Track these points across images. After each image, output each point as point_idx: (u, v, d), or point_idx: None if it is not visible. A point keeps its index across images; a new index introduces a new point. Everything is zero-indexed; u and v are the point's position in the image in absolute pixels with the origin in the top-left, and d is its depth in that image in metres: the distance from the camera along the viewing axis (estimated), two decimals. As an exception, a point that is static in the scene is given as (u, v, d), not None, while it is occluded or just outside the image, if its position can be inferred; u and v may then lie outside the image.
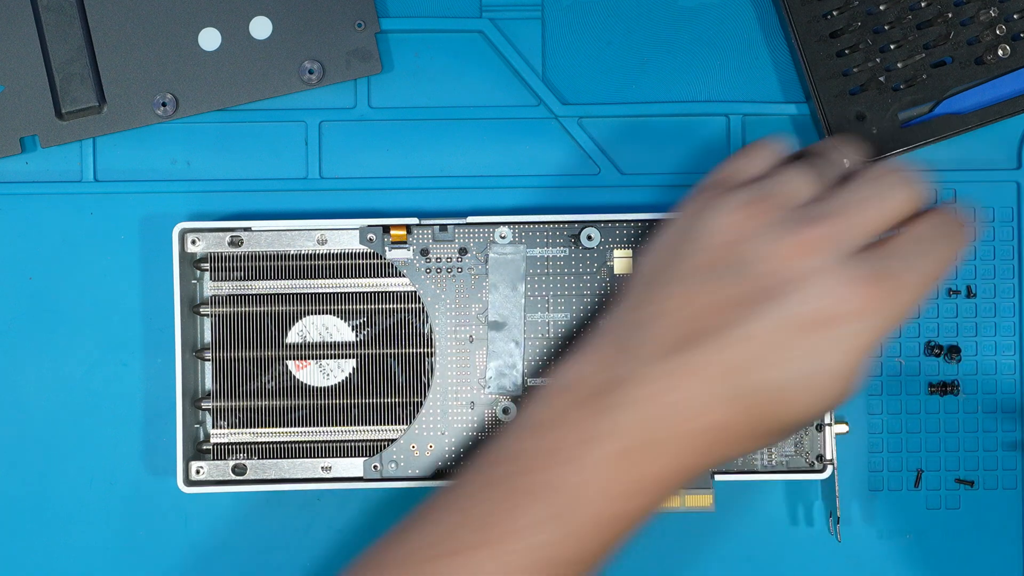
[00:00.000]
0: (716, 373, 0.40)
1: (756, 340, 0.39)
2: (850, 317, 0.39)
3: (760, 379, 0.40)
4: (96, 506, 0.52)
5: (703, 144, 0.53)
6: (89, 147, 0.52)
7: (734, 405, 0.40)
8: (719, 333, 0.40)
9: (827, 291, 0.39)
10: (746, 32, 0.53)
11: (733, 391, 0.40)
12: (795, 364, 0.39)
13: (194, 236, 0.50)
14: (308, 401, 0.50)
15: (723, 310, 0.40)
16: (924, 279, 0.40)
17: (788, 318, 0.39)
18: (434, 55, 0.53)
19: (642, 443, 0.40)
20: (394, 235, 0.50)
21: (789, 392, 0.40)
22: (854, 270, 0.39)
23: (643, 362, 0.41)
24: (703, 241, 0.42)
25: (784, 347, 0.39)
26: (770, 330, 0.39)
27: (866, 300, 0.39)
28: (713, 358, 0.40)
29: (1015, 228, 0.53)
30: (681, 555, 0.53)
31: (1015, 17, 0.50)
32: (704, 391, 0.40)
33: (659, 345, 0.41)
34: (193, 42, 0.52)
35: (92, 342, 0.52)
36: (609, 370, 0.41)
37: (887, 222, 0.41)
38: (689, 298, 0.41)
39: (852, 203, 0.41)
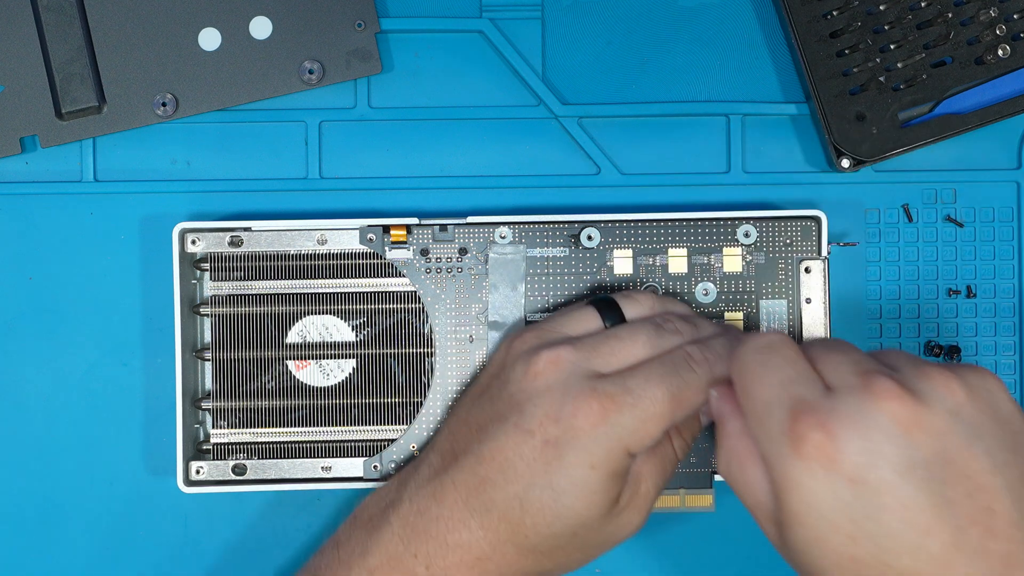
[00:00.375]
0: (469, 487, 0.43)
1: (500, 454, 0.42)
2: (573, 431, 0.41)
3: (504, 492, 0.42)
4: (96, 506, 0.52)
5: (703, 144, 0.53)
6: (89, 147, 0.52)
7: (487, 518, 0.42)
8: (474, 448, 0.43)
9: (554, 404, 0.42)
10: (746, 32, 0.53)
11: (484, 504, 0.42)
12: (533, 477, 0.42)
13: (194, 236, 0.50)
14: (308, 401, 0.50)
15: (482, 428, 0.43)
16: (651, 404, 0.42)
17: (525, 431, 0.42)
18: (434, 55, 0.53)
19: (403, 556, 0.43)
20: (394, 235, 0.50)
21: (531, 504, 0.42)
22: (582, 386, 0.42)
23: (413, 487, 0.44)
24: (485, 372, 0.47)
25: (522, 460, 0.42)
26: (512, 443, 0.42)
27: (587, 415, 0.41)
28: (467, 474, 0.43)
29: (1015, 228, 0.53)
30: (681, 555, 0.53)
31: (1015, 17, 0.50)
32: (462, 504, 0.43)
33: (431, 470, 0.44)
34: (193, 42, 0.52)
35: (92, 342, 0.52)
36: (384, 499, 0.45)
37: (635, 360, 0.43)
38: (460, 424, 0.45)
39: (605, 337, 0.44)
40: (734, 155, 0.53)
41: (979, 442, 0.36)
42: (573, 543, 0.43)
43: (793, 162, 0.53)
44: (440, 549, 0.43)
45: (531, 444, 0.42)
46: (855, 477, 0.36)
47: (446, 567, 0.43)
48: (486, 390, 0.45)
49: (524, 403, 0.43)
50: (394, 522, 0.44)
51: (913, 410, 0.36)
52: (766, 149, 0.53)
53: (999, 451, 0.36)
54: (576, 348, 0.43)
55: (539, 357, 0.43)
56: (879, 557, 0.35)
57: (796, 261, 0.50)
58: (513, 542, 0.43)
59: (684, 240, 0.51)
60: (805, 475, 0.36)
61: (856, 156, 0.50)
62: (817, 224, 0.50)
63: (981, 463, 0.35)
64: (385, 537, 0.44)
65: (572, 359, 0.43)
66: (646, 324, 0.45)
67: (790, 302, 0.50)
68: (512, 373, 0.44)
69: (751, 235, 0.50)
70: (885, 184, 0.53)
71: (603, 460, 0.42)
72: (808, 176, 0.53)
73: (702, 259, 0.51)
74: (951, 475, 0.35)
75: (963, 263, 0.53)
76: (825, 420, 0.36)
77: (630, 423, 0.42)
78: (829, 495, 0.36)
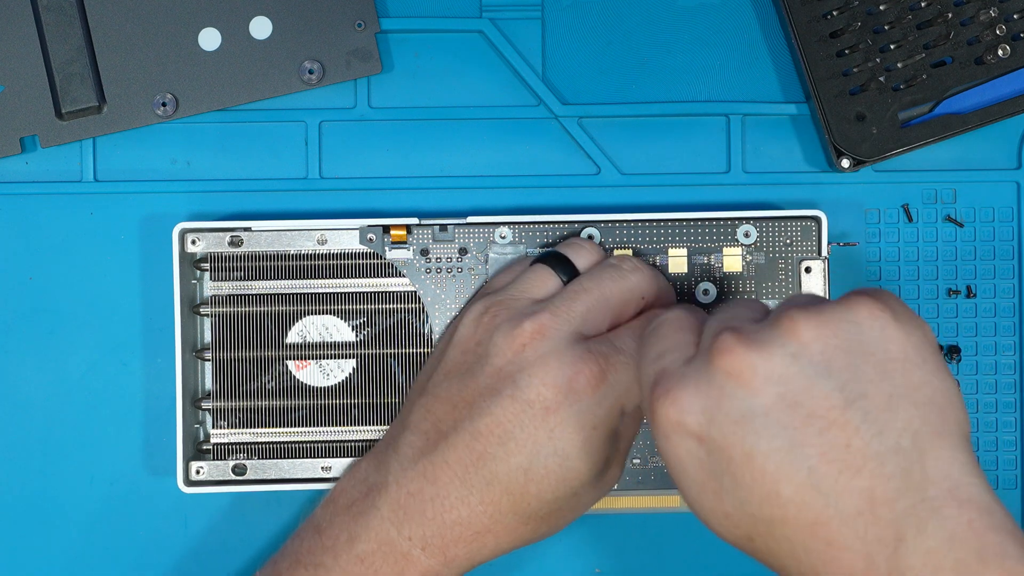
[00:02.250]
0: (465, 464, 0.43)
1: (499, 427, 0.42)
2: (576, 395, 0.42)
3: (507, 464, 0.42)
4: (96, 506, 0.52)
5: (703, 144, 0.53)
6: (89, 147, 0.52)
7: (489, 492, 0.43)
8: (466, 425, 0.43)
9: (552, 372, 0.42)
10: (746, 32, 0.53)
11: (485, 478, 0.43)
12: (537, 446, 0.42)
13: (194, 236, 0.50)
14: (308, 401, 0.50)
15: (470, 404, 0.43)
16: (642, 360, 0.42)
17: (524, 401, 0.42)
18: (434, 55, 0.53)
19: (395, 541, 0.43)
20: (394, 235, 0.50)
21: (536, 472, 0.42)
22: (577, 350, 0.42)
23: (397, 469, 0.44)
24: (454, 349, 0.45)
25: (524, 430, 0.42)
26: (510, 415, 0.42)
27: (588, 377, 0.42)
28: (462, 451, 0.43)
29: (1015, 228, 0.53)
30: (681, 555, 0.53)
31: (1015, 17, 0.50)
32: (458, 482, 0.43)
33: (413, 450, 0.44)
34: (193, 42, 0.52)
35: (92, 342, 0.52)
36: (364, 483, 0.45)
37: (610, 310, 0.44)
38: (439, 402, 0.44)
39: (574, 292, 0.44)
40: (734, 155, 0.53)
41: (827, 379, 0.35)
42: (570, 504, 0.44)
43: (793, 162, 0.53)
44: (438, 529, 0.43)
45: (531, 413, 0.42)
46: (700, 435, 0.36)
47: (443, 546, 0.43)
48: (462, 366, 0.45)
49: (516, 374, 0.43)
50: (382, 506, 0.43)
51: (747, 360, 0.35)
52: (766, 149, 0.53)
53: (854, 383, 0.35)
54: (555, 313, 0.44)
55: (522, 328, 0.43)
56: (743, 509, 0.36)
57: (796, 261, 0.50)
58: (514, 512, 0.43)
59: (684, 240, 0.51)
60: (666, 443, 0.37)
61: (856, 156, 0.50)
62: (817, 224, 0.50)
63: (831, 400, 0.34)
64: (374, 522, 0.43)
65: (555, 325, 0.43)
66: (605, 269, 0.45)
67: (790, 302, 0.50)
68: (493, 347, 0.44)
69: (751, 235, 0.50)
70: (885, 184, 0.53)
71: (604, 420, 0.43)
72: (808, 176, 0.53)
73: (702, 259, 0.51)
74: (796, 417, 0.35)
75: (963, 263, 0.53)
76: (671, 387, 0.37)
77: (626, 380, 0.43)
78: (688, 458, 0.36)
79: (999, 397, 0.53)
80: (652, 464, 0.50)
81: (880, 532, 0.33)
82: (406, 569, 0.43)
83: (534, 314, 0.44)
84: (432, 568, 0.43)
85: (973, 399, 0.52)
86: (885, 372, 0.35)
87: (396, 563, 0.43)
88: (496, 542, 0.44)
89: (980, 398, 0.53)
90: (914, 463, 0.34)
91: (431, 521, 0.43)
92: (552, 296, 0.45)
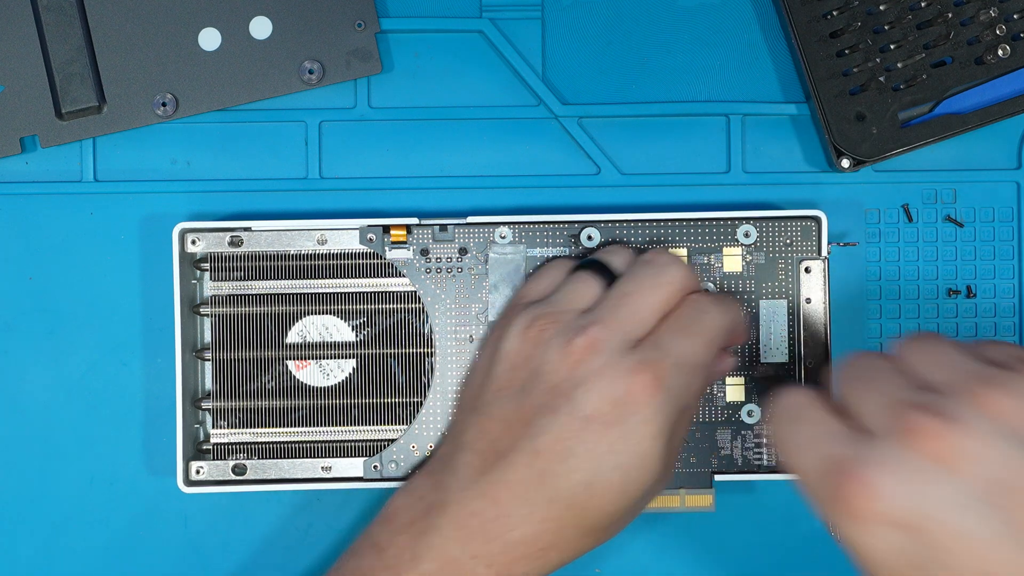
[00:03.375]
0: (529, 482, 0.42)
1: (559, 444, 0.42)
2: (634, 406, 0.42)
3: (569, 481, 0.42)
4: (96, 506, 0.52)
5: (703, 144, 0.53)
6: (89, 147, 0.52)
7: (552, 509, 0.42)
8: (525, 444, 0.43)
9: (608, 386, 0.42)
10: (746, 32, 0.53)
11: (548, 496, 0.42)
12: (598, 460, 0.42)
13: (194, 236, 0.50)
14: (308, 401, 0.50)
15: (527, 423, 0.43)
16: (693, 356, 0.43)
17: (582, 418, 0.42)
18: (434, 55, 0.53)
19: (460, 560, 0.43)
20: (394, 235, 0.50)
21: (599, 487, 0.42)
22: (629, 362, 0.42)
23: (456, 488, 0.44)
24: (502, 364, 0.45)
25: (585, 446, 0.42)
26: (569, 432, 0.42)
27: (644, 387, 0.42)
28: (523, 470, 0.43)
29: (1015, 228, 0.53)
30: (681, 555, 0.53)
31: (1015, 17, 0.50)
32: (520, 501, 0.42)
33: (471, 469, 0.44)
34: (193, 42, 0.52)
35: (92, 342, 0.52)
36: (423, 501, 0.44)
37: (655, 308, 0.44)
38: (493, 421, 0.44)
39: (618, 299, 0.44)
40: (734, 155, 0.53)
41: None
42: (631, 511, 0.44)
43: (793, 162, 0.53)
44: (502, 548, 0.43)
45: (591, 429, 0.42)
46: (908, 525, 0.34)
47: (508, 563, 0.43)
48: (513, 382, 0.44)
49: (572, 391, 0.42)
50: (444, 526, 0.43)
51: (955, 444, 0.34)
52: (766, 149, 0.53)
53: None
54: (605, 325, 0.43)
55: (575, 344, 0.43)
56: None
57: (796, 261, 0.50)
58: (577, 526, 0.43)
59: (684, 240, 0.51)
60: (860, 533, 0.35)
61: (856, 156, 0.50)
62: (817, 224, 0.50)
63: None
64: (436, 541, 0.43)
65: (607, 337, 0.43)
66: (642, 268, 0.45)
67: (790, 302, 0.50)
68: (547, 363, 0.43)
69: (751, 235, 0.50)
70: (885, 184, 0.53)
71: (664, 427, 0.42)
72: (808, 176, 0.53)
73: (702, 259, 0.51)
74: (1009, 498, 0.34)
75: (963, 263, 0.53)
76: (863, 474, 0.35)
77: (681, 383, 0.43)
78: (887, 547, 0.35)
79: (999, 397, 0.52)
80: (652, 464, 0.50)
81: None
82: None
83: (584, 328, 0.43)
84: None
85: (973, 399, 0.52)
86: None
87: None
88: (560, 557, 0.44)
89: (980, 398, 0.52)
90: None
91: (495, 540, 0.43)
92: (596, 305, 0.45)
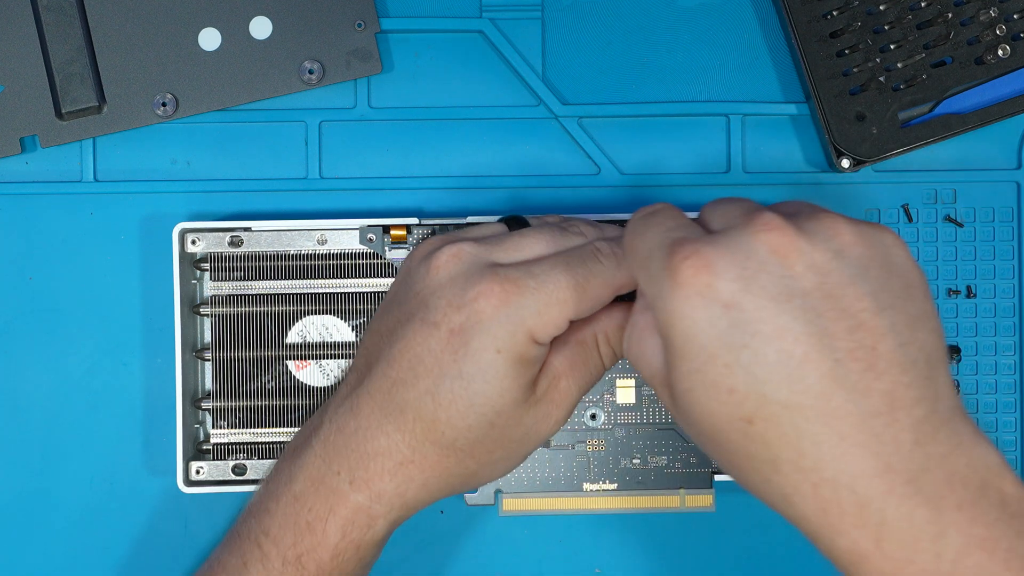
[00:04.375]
0: (383, 392, 0.42)
1: (409, 351, 0.42)
2: (477, 315, 0.41)
3: (416, 390, 0.42)
4: (96, 506, 0.52)
5: (703, 144, 0.53)
6: (89, 147, 0.52)
7: (402, 419, 0.42)
8: (384, 352, 0.43)
9: (457, 293, 0.42)
10: (746, 32, 0.53)
11: (398, 405, 0.42)
12: (442, 369, 0.41)
13: (194, 236, 0.50)
14: (308, 401, 0.50)
15: (391, 332, 0.43)
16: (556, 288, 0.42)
17: (431, 323, 0.42)
18: (434, 55, 0.53)
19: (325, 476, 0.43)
20: (394, 235, 0.50)
21: (443, 397, 0.41)
22: (478, 275, 0.42)
23: (333, 407, 0.44)
24: (394, 283, 0.45)
25: (432, 355, 0.42)
26: (420, 339, 0.42)
27: (489, 298, 0.41)
28: (379, 381, 0.42)
29: (1015, 228, 0.53)
30: (681, 555, 0.53)
31: (1015, 17, 0.50)
32: (377, 412, 0.42)
33: (347, 387, 0.44)
34: (193, 42, 0.52)
35: (92, 342, 0.52)
36: (309, 426, 0.45)
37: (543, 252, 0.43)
38: (371, 335, 0.44)
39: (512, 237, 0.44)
40: (734, 155, 0.53)
41: (863, 283, 0.36)
42: (491, 436, 0.42)
43: (793, 162, 0.53)
44: (361, 460, 0.42)
45: (437, 336, 0.41)
46: (730, 302, 0.35)
47: (368, 478, 0.42)
48: (393, 297, 0.44)
49: (428, 297, 0.42)
50: (315, 445, 0.43)
51: (793, 241, 0.36)
52: (766, 149, 0.53)
53: (884, 294, 0.36)
54: (476, 242, 0.43)
55: (440, 252, 0.43)
56: (756, 388, 0.35)
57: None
58: (431, 440, 0.42)
59: (684, 240, 0.50)
60: (682, 303, 0.36)
61: (856, 156, 0.50)
62: (817, 224, 0.50)
63: (864, 303, 0.35)
64: (308, 460, 0.43)
65: (472, 251, 0.43)
66: (549, 226, 0.45)
67: (790, 302, 0.50)
68: (415, 273, 0.43)
69: (751, 235, 0.50)
70: (885, 184, 0.53)
71: (508, 344, 0.41)
72: (808, 176, 0.53)
73: (702, 259, 0.51)
74: (831, 309, 0.35)
75: (963, 263, 0.53)
76: (701, 249, 0.36)
77: (533, 306, 0.41)
78: (705, 322, 0.36)
79: (999, 397, 0.53)
80: (652, 464, 0.51)
81: (897, 434, 0.34)
82: (336, 505, 0.43)
83: (456, 241, 0.43)
84: (361, 504, 0.43)
85: (973, 399, 0.52)
86: (909, 294, 0.36)
87: (327, 499, 0.43)
88: (422, 476, 0.43)
89: (980, 398, 0.53)
90: (927, 379, 0.35)
91: (354, 453, 0.42)
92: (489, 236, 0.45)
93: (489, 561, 0.52)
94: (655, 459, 0.50)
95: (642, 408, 0.51)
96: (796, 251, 0.36)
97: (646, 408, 0.51)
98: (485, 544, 0.52)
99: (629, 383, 0.51)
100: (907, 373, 0.35)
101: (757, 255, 0.36)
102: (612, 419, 0.51)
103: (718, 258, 0.36)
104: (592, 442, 0.51)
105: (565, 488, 0.51)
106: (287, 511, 0.43)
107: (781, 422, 0.35)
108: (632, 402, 0.51)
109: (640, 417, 0.51)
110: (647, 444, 0.50)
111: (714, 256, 0.36)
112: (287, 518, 0.43)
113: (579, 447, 0.51)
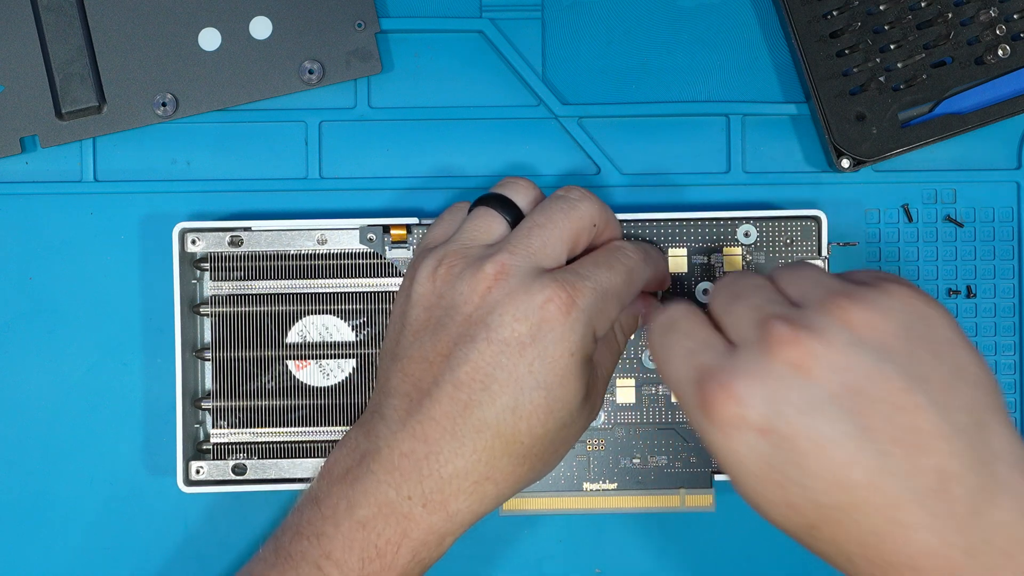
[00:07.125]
0: (455, 415, 0.42)
1: (479, 372, 0.42)
2: (548, 324, 0.42)
3: (494, 407, 0.42)
4: (96, 506, 0.52)
5: (703, 144, 0.53)
6: (89, 147, 0.53)
7: (480, 439, 0.42)
8: (446, 377, 0.42)
9: (522, 307, 0.42)
10: (746, 32, 0.53)
11: (474, 426, 0.42)
12: (519, 382, 0.42)
13: (194, 236, 0.50)
14: (308, 401, 0.50)
15: (446, 357, 0.43)
16: (608, 283, 0.43)
17: (499, 342, 0.42)
18: (434, 55, 0.53)
19: (395, 502, 0.43)
20: (394, 235, 0.50)
21: (524, 409, 0.42)
22: (540, 282, 0.42)
23: (387, 433, 0.43)
24: (416, 308, 0.44)
25: (504, 370, 0.42)
26: (488, 358, 0.42)
27: (557, 305, 0.42)
28: (447, 404, 0.42)
29: (1015, 228, 0.53)
30: (681, 555, 0.53)
31: (1015, 17, 0.50)
32: (449, 436, 0.42)
33: (399, 412, 0.43)
34: (193, 42, 0.52)
35: (92, 342, 0.52)
36: (356, 451, 0.44)
37: (566, 239, 0.44)
38: (414, 363, 0.44)
39: (528, 230, 0.44)
40: (734, 155, 0.53)
41: (889, 364, 0.35)
42: (561, 436, 0.44)
43: (793, 162, 0.53)
44: (436, 485, 0.42)
45: (508, 352, 0.42)
46: (764, 428, 0.36)
47: (444, 500, 0.42)
48: (429, 322, 0.44)
49: (487, 317, 0.42)
50: (377, 471, 0.43)
51: (808, 350, 0.36)
52: (766, 149, 0.53)
53: (914, 367, 0.35)
54: (512, 251, 0.43)
55: (483, 271, 0.43)
56: (809, 498, 0.36)
57: (796, 261, 0.50)
58: (509, 454, 0.42)
59: (684, 240, 0.51)
60: (723, 439, 0.37)
61: (856, 156, 0.50)
62: (817, 224, 0.50)
63: (894, 384, 0.35)
64: (371, 486, 0.43)
65: (516, 262, 0.43)
66: (554, 202, 0.45)
67: (790, 302, 0.50)
68: (458, 296, 0.43)
69: (751, 235, 0.50)
70: (885, 184, 0.53)
71: (580, 345, 0.42)
72: (808, 176, 0.53)
73: (702, 259, 0.51)
74: (862, 404, 0.35)
75: (963, 263, 0.53)
76: (725, 380, 0.36)
77: (595, 304, 0.43)
78: (748, 452, 0.36)
79: (999, 397, 0.53)
80: (652, 464, 0.51)
81: (953, 508, 0.34)
82: (410, 529, 0.43)
83: (492, 256, 0.43)
84: (435, 525, 0.43)
85: (973, 399, 0.52)
86: (937, 354, 0.36)
87: (399, 524, 0.43)
88: (496, 489, 0.43)
89: (980, 398, 0.53)
90: (977, 440, 0.35)
91: (428, 478, 0.42)
92: (504, 237, 0.45)
93: (489, 561, 0.52)
94: (655, 459, 0.50)
95: (642, 408, 0.51)
96: (812, 358, 0.36)
97: (646, 408, 0.51)
98: (485, 544, 0.52)
99: (629, 383, 0.51)
100: (952, 442, 0.35)
101: (777, 374, 0.36)
102: (612, 419, 0.51)
103: (743, 388, 0.36)
104: (592, 442, 0.51)
105: (565, 488, 0.51)
106: (352, 536, 0.43)
107: (843, 524, 0.36)
108: (632, 402, 0.51)
109: (640, 417, 0.51)
110: (647, 444, 0.50)
111: (738, 386, 0.36)
112: (352, 543, 0.43)
113: (579, 447, 0.51)
